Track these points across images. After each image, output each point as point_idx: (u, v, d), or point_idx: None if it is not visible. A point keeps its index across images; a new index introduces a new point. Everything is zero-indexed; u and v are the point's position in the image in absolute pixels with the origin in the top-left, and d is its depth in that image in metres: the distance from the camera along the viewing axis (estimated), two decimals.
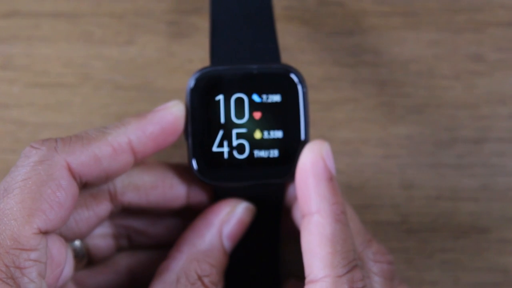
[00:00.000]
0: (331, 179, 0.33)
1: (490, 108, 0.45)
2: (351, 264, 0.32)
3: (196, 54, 0.45)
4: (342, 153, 0.44)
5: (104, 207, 0.36)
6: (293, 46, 0.45)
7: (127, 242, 0.39)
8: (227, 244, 0.35)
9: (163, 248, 0.38)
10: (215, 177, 0.34)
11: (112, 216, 0.37)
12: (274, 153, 0.34)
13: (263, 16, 0.35)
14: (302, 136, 0.34)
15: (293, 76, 0.34)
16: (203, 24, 0.45)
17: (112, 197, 0.36)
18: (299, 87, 0.34)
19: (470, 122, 0.45)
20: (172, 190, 0.37)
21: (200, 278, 0.34)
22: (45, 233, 0.31)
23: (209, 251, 0.34)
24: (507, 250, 0.44)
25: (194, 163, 0.34)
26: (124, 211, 0.38)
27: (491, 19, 0.45)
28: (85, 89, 0.45)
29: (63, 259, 0.34)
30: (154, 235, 0.39)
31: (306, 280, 0.33)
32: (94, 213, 0.36)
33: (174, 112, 0.34)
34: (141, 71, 0.45)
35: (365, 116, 0.45)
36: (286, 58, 0.43)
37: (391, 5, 0.45)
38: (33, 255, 0.31)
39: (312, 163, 0.33)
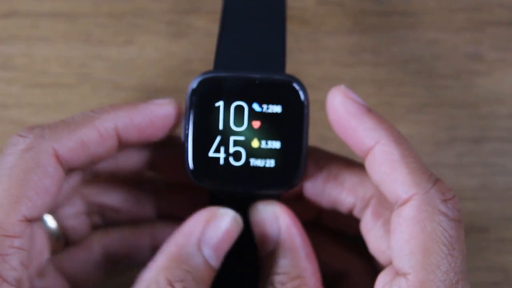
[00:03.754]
0: (368, 110, 0.33)
1: (489, 108, 0.45)
2: (432, 177, 0.31)
3: (195, 54, 0.45)
4: (342, 153, 0.44)
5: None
6: (293, 46, 0.45)
7: (101, 219, 0.39)
8: (210, 254, 0.34)
9: (136, 224, 0.39)
10: (210, 181, 0.34)
11: (82, 187, 0.38)
12: (271, 163, 0.34)
13: (273, 24, 0.35)
14: (300, 149, 0.34)
15: (295, 88, 0.34)
16: (203, 24, 0.45)
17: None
18: (301, 100, 0.34)
19: (469, 121, 0.45)
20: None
21: (170, 283, 0.33)
22: (30, 220, 0.31)
23: (185, 258, 0.34)
24: (506, 250, 0.45)
25: (189, 166, 0.34)
26: (95, 188, 0.38)
27: (490, 18, 0.45)
28: (84, 89, 0.45)
29: (45, 247, 0.34)
30: (126, 210, 0.39)
31: (394, 207, 0.32)
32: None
33: (166, 108, 0.34)
34: (140, 71, 0.45)
35: None
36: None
37: (390, 5, 0.45)
38: (16, 242, 0.31)
39: (345, 108, 0.32)
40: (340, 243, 0.39)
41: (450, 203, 0.31)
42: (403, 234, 0.31)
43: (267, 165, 0.34)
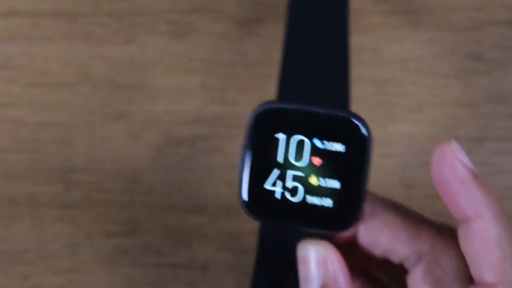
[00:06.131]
0: (475, 177, 0.31)
1: (489, 107, 0.45)
2: None
3: (195, 54, 0.45)
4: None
5: None
6: None
7: None
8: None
9: None
10: (263, 214, 0.33)
11: None
12: (328, 202, 0.32)
13: (337, 54, 0.34)
14: (360, 191, 0.32)
15: (360, 128, 0.32)
16: (203, 23, 0.45)
17: None
18: (365, 140, 0.32)
19: (469, 121, 0.45)
20: None
21: None
22: None
23: None
24: None
25: (243, 197, 0.33)
26: None
27: (491, 17, 0.45)
28: (85, 88, 0.45)
29: None
30: None
31: (476, 283, 0.31)
32: None
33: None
34: (141, 71, 0.45)
35: (365, 115, 0.44)
36: None
37: (390, 4, 0.45)
38: None
39: (451, 170, 0.31)
40: None
41: None
42: None
43: (325, 204, 0.32)
